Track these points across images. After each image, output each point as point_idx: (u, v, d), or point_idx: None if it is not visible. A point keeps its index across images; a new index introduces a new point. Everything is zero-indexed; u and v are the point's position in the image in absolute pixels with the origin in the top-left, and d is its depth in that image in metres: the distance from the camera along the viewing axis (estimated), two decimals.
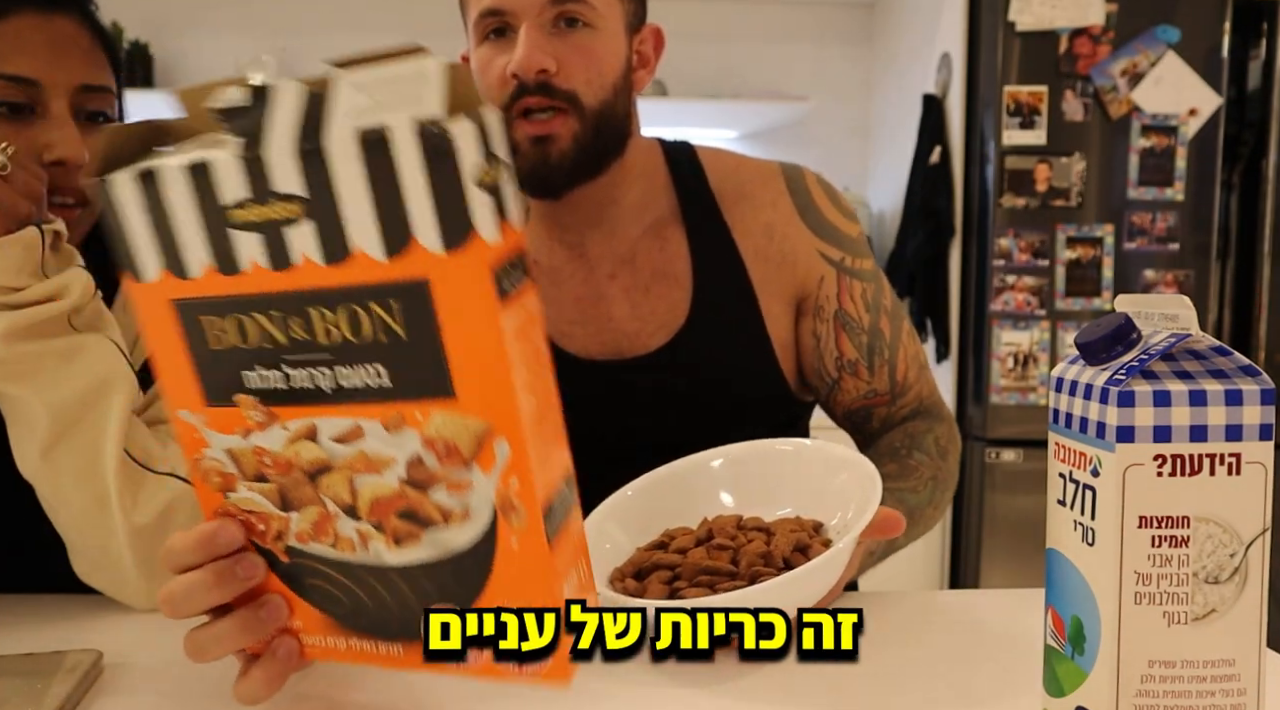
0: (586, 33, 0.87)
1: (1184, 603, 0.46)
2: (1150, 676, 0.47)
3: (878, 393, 0.96)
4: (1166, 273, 2.33)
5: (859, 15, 3.02)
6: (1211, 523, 0.46)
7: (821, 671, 0.67)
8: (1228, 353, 0.48)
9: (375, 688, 0.67)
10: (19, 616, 0.80)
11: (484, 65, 0.89)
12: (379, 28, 2.89)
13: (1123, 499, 0.46)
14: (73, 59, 0.82)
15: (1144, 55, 2.28)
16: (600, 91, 0.88)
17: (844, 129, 3.05)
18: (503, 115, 0.84)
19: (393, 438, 0.47)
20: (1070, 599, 0.50)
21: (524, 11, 0.86)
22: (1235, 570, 0.47)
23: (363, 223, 0.42)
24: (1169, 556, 0.46)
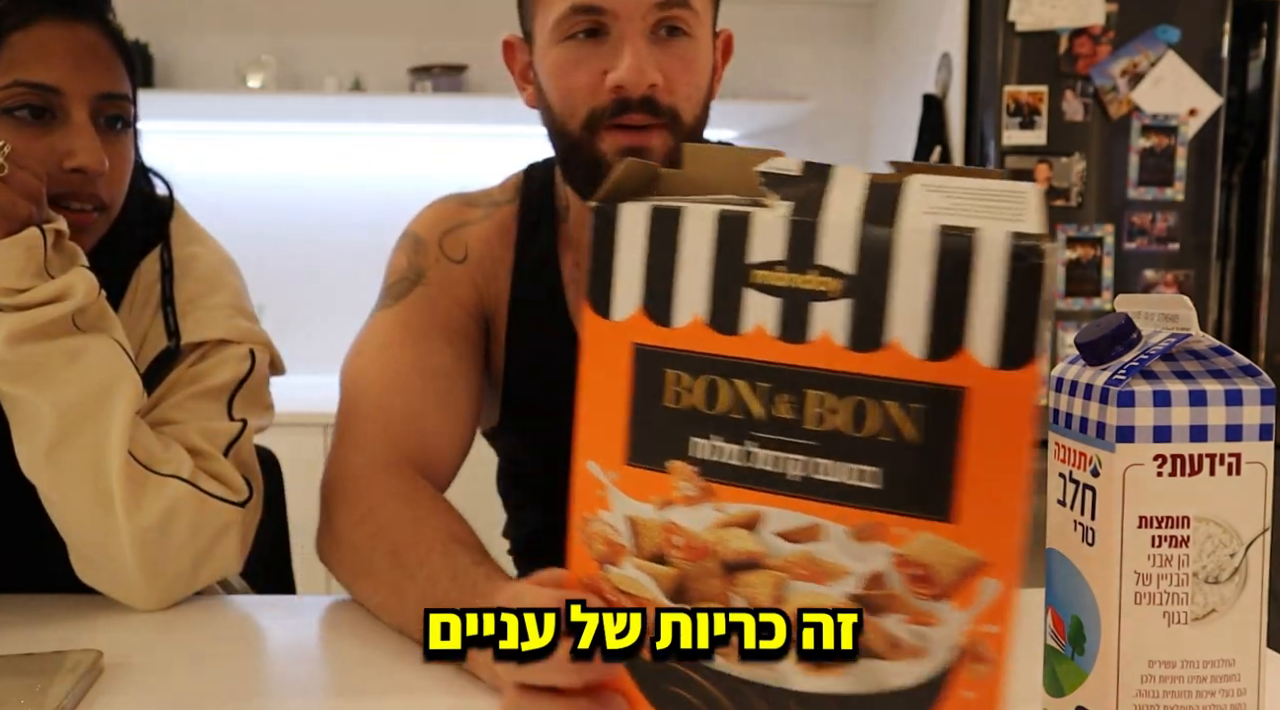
0: (687, 43, 0.83)
1: (1184, 603, 0.46)
2: (1150, 676, 0.47)
3: None
4: (1166, 273, 2.33)
5: (859, 15, 3.02)
6: (1211, 523, 0.46)
7: None
8: (1228, 353, 0.48)
9: None
10: (19, 616, 0.80)
11: (570, 65, 0.82)
12: (379, 28, 2.89)
13: (1123, 499, 0.46)
14: (94, 67, 0.83)
15: (1144, 55, 2.28)
16: (696, 106, 0.85)
17: (844, 129, 3.05)
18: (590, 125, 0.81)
19: (857, 548, 0.41)
20: (1070, 599, 0.50)
21: (628, 16, 0.79)
22: (1235, 570, 0.47)
23: (910, 317, 0.39)
24: (1169, 556, 0.46)
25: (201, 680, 0.67)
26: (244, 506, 0.85)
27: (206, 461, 0.85)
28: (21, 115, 0.81)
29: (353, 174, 2.93)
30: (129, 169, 0.90)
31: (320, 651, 0.74)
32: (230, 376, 0.91)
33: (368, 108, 2.71)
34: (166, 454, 0.81)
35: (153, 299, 0.92)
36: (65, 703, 0.60)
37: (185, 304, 0.92)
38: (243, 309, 0.97)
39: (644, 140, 0.81)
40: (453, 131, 2.90)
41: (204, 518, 0.81)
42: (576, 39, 0.81)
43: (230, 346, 0.92)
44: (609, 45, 0.80)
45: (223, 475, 0.85)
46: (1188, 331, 0.48)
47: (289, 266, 2.90)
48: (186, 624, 0.79)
